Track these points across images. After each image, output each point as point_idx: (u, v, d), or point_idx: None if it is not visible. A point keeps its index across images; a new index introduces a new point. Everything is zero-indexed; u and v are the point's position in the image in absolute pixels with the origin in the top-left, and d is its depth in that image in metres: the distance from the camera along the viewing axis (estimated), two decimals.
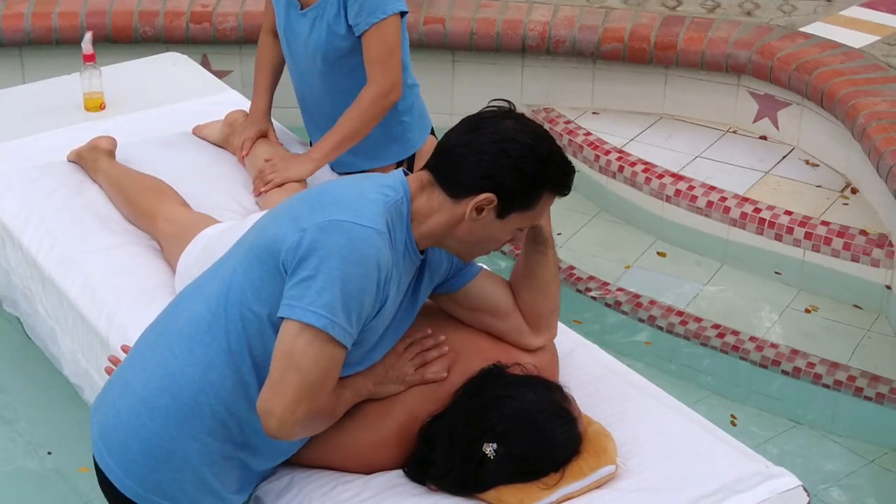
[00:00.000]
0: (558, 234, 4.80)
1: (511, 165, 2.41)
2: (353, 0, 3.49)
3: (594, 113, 5.35)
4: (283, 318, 2.35)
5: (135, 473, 2.49)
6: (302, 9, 3.61)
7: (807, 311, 4.42)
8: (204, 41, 5.34)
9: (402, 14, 3.56)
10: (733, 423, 3.88)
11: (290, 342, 2.34)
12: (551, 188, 2.48)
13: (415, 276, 2.56)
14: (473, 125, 2.46)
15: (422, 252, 2.52)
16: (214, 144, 3.96)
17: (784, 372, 4.12)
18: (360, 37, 3.55)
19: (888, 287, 4.38)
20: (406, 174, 2.52)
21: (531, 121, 2.50)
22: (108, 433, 2.52)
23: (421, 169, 2.53)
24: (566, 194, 2.52)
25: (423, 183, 2.48)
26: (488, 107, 2.52)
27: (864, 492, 3.74)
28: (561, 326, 3.10)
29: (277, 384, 2.34)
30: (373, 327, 2.45)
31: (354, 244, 2.33)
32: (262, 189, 3.57)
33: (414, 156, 3.84)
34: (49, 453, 3.66)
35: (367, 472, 2.62)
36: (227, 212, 3.55)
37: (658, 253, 4.75)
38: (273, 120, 3.92)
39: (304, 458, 2.64)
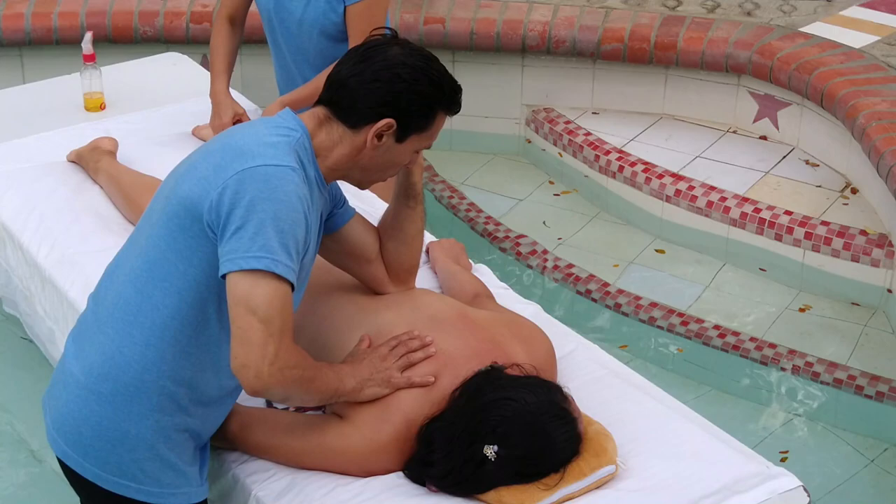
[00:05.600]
0: (558, 238, 4.81)
1: (407, 89, 2.46)
2: None
3: (594, 113, 5.35)
4: (226, 276, 2.35)
5: (93, 458, 2.50)
6: None
7: (800, 310, 4.42)
8: (204, 41, 5.32)
9: None
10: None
11: (240, 292, 2.33)
12: (445, 107, 2.53)
13: None
14: (362, 56, 2.50)
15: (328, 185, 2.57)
16: None
17: (783, 371, 4.12)
18: (346, 7, 3.67)
19: (889, 291, 4.38)
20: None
21: (416, 45, 2.55)
22: (60, 423, 2.54)
23: (313, 105, 2.55)
24: (457, 112, 2.58)
25: (319, 119, 2.52)
26: (372, 37, 2.56)
27: (866, 491, 3.74)
28: (560, 327, 3.10)
29: (242, 336, 2.33)
30: (304, 264, 2.47)
31: (273, 183, 2.36)
32: None
33: None
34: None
35: (367, 476, 2.62)
36: None
37: (656, 250, 4.75)
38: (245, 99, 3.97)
39: (304, 464, 2.64)
